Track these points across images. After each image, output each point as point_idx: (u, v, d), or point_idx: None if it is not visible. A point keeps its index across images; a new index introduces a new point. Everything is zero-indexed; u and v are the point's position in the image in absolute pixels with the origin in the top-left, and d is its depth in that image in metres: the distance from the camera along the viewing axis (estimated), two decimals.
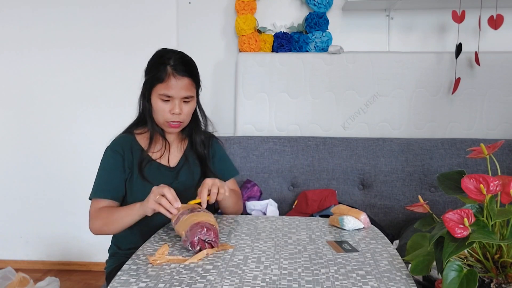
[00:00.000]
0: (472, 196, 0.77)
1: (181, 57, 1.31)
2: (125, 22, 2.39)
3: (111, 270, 1.37)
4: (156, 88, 1.29)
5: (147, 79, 1.32)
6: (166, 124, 1.32)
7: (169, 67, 1.27)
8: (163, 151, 1.37)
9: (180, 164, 1.39)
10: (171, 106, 1.29)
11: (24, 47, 2.47)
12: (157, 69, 1.28)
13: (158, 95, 1.28)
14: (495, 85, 2.12)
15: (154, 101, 1.30)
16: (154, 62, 1.32)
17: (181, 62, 1.29)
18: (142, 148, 1.36)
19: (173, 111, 1.28)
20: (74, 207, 2.55)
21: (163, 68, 1.27)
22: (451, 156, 2.01)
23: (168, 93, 1.27)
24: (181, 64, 1.29)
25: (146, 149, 1.35)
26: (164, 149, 1.37)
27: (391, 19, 2.24)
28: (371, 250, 1.00)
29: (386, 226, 1.93)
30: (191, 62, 1.33)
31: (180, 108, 1.29)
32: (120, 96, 2.42)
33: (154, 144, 1.36)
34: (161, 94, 1.28)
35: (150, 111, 1.34)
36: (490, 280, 0.78)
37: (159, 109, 1.30)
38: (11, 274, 2.14)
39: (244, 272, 0.87)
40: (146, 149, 1.35)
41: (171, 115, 1.29)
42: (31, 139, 2.53)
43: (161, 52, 1.33)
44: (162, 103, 1.29)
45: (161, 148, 1.37)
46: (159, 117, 1.31)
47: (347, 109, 2.19)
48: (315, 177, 2.03)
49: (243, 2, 2.20)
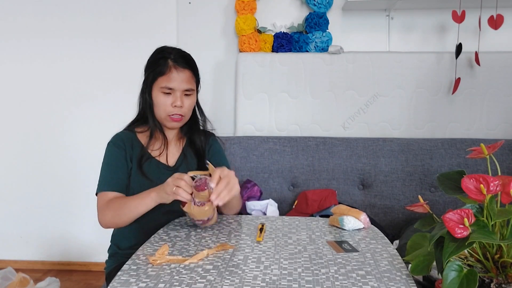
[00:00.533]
0: (472, 196, 0.77)
1: (180, 51, 1.36)
2: (125, 22, 2.39)
3: (111, 270, 1.37)
4: (157, 81, 1.31)
5: (147, 75, 1.35)
6: (168, 118, 1.33)
7: (170, 60, 1.31)
8: (163, 149, 1.38)
9: (178, 163, 1.39)
10: (173, 98, 1.31)
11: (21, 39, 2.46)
12: (158, 63, 1.31)
13: (160, 88, 1.31)
14: (495, 85, 2.12)
15: (156, 95, 1.32)
16: (154, 57, 1.35)
17: (181, 55, 1.33)
18: (142, 145, 1.37)
19: (175, 104, 1.30)
20: (74, 207, 2.55)
21: (164, 61, 1.31)
22: (451, 156, 2.01)
23: (169, 85, 1.30)
24: (181, 57, 1.33)
25: (147, 147, 1.36)
26: (163, 147, 1.38)
27: (391, 19, 2.24)
28: (371, 250, 1.00)
29: (386, 226, 1.93)
30: (190, 56, 1.37)
31: (182, 101, 1.31)
32: (120, 97, 2.42)
33: (154, 141, 1.37)
34: (163, 87, 1.30)
35: (152, 107, 1.35)
36: (490, 280, 0.78)
37: (160, 103, 1.31)
38: (11, 275, 2.14)
39: (244, 272, 0.87)
40: (147, 146, 1.36)
41: (172, 108, 1.31)
42: (30, 139, 2.53)
43: (160, 48, 1.36)
44: (163, 97, 1.31)
45: (161, 146, 1.38)
46: (160, 111, 1.33)
47: (347, 109, 2.19)
48: (315, 177, 2.03)
49: (243, 2, 2.20)
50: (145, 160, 1.34)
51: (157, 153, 1.37)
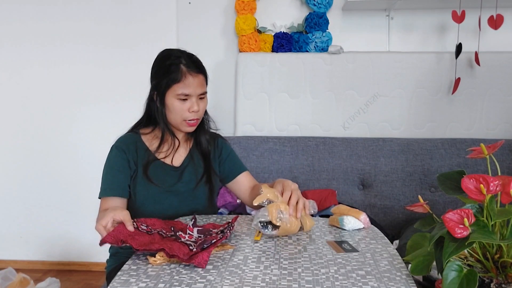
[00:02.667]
0: (472, 196, 0.77)
1: (189, 54, 1.32)
2: (125, 22, 2.39)
3: (111, 270, 1.37)
4: (172, 88, 1.28)
5: (158, 81, 1.30)
6: (184, 123, 1.31)
7: (183, 66, 1.27)
8: (171, 151, 1.36)
9: (185, 163, 1.38)
10: (189, 104, 1.29)
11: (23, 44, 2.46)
12: (169, 70, 1.28)
13: (176, 95, 1.28)
14: (495, 85, 2.12)
15: (171, 101, 1.29)
16: (163, 64, 1.31)
17: (191, 60, 1.31)
18: (147, 147, 1.35)
19: (192, 109, 1.29)
20: (74, 207, 2.55)
21: (176, 68, 1.27)
22: (451, 156, 2.01)
23: (186, 92, 1.27)
24: (192, 62, 1.30)
25: (152, 149, 1.35)
26: (171, 149, 1.37)
27: (391, 19, 2.24)
28: (371, 250, 1.00)
29: (386, 226, 1.93)
30: (198, 59, 1.34)
31: (198, 105, 1.30)
32: (121, 98, 2.42)
33: (162, 144, 1.36)
34: (179, 94, 1.27)
35: (164, 113, 1.32)
36: (490, 280, 0.78)
37: (177, 109, 1.29)
38: (11, 275, 2.14)
39: (244, 272, 0.87)
40: (152, 149, 1.35)
41: (190, 113, 1.29)
42: (30, 139, 2.53)
43: (166, 52, 1.33)
44: (179, 103, 1.28)
45: (169, 148, 1.36)
46: (177, 117, 1.30)
47: (347, 109, 2.19)
48: (315, 177, 2.03)
49: (243, 2, 2.20)
50: (150, 163, 1.33)
51: (163, 155, 1.36)
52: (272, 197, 1.11)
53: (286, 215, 1.07)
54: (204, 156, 1.41)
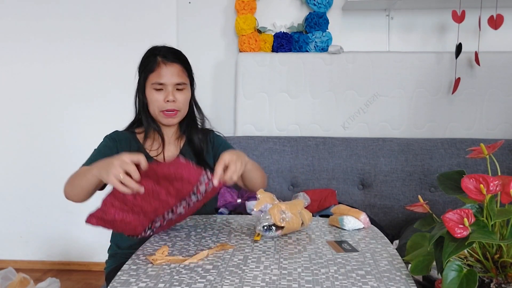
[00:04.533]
0: (472, 196, 0.77)
1: (170, 47, 1.38)
2: (125, 22, 2.39)
3: (111, 270, 1.37)
4: (148, 79, 1.33)
5: (139, 76, 1.37)
6: (161, 114, 1.34)
7: (159, 57, 1.33)
8: (160, 148, 1.38)
9: None
10: (165, 94, 1.32)
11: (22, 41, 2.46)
12: (148, 61, 1.34)
13: (151, 85, 1.32)
14: (495, 85, 2.12)
15: (149, 93, 1.34)
16: (144, 59, 1.38)
17: (170, 51, 1.36)
18: (140, 145, 1.37)
19: (167, 98, 1.31)
20: (74, 207, 2.51)
21: (153, 58, 1.33)
22: (451, 156, 2.01)
23: (159, 81, 1.31)
24: (169, 52, 1.35)
25: (146, 147, 1.37)
26: (160, 145, 1.37)
27: (391, 19, 2.24)
28: (371, 250, 1.00)
29: (386, 226, 1.93)
30: (180, 51, 1.39)
31: (174, 95, 1.32)
32: (120, 97, 2.41)
33: (152, 141, 1.37)
34: (154, 83, 1.32)
35: (146, 106, 1.36)
36: (490, 280, 0.78)
37: (153, 100, 1.33)
38: (11, 275, 2.14)
39: (244, 272, 0.87)
40: (146, 147, 1.37)
41: (165, 103, 1.32)
42: (30, 139, 2.53)
43: (150, 48, 1.39)
44: (155, 93, 1.32)
45: (159, 146, 1.38)
46: (154, 108, 1.34)
47: (347, 109, 2.19)
48: (315, 177, 2.03)
49: (243, 2, 2.20)
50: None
51: (155, 153, 1.37)
52: (269, 200, 1.13)
53: (288, 213, 1.08)
54: (196, 155, 1.41)
